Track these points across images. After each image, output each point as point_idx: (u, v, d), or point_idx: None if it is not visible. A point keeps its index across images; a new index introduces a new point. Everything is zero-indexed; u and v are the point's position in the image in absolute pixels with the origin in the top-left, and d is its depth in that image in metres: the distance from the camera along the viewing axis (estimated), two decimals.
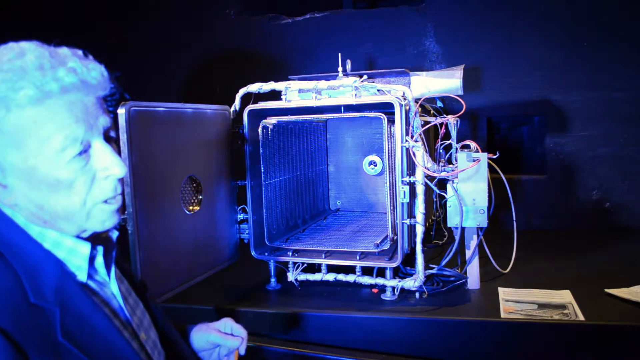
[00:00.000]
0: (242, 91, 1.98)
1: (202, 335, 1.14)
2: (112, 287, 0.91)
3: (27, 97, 0.76)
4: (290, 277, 1.98)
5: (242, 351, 1.12)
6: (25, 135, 0.78)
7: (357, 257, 1.92)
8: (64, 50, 0.82)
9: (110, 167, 0.84)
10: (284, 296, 1.95)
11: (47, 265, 0.81)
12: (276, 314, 1.80)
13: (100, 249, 0.89)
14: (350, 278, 1.91)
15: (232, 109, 1.99)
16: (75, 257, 0.85)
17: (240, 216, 2.03)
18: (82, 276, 0.85)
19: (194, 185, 1.80)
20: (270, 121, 2.01)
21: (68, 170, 0.80)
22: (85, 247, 0.85)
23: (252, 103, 1.97)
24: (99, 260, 0.89)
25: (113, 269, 0.92)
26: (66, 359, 0.76)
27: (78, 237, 0.86)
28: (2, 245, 0.79)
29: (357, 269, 1.92)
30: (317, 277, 1.96)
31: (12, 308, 0.74)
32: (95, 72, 0.82)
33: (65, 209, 0.82)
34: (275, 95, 1.98)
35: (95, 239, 0.90)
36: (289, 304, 1.86)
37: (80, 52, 0.84)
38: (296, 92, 1.95)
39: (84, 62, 0.81)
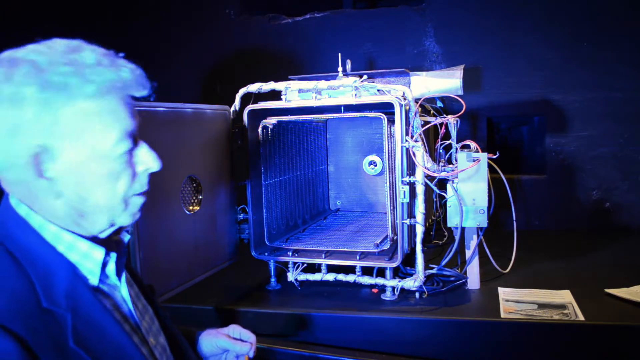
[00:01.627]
0: (242, 91, 1.98)
1: (211, 340, 1.15)
2: (122, 291, 0.90)
3: (93, 90, 0.78)
4: (290, 277, 1.98)
5: (252, 354, 1.14)
6: (85, 126, 0.79)
7: (357, 257, 1.91)
8: (107, 51, 0.85)
9: (148, 161, 0.88)
10: (284, 296, 1.95)
11: (60, 269, 0.81)
12: (276, 314, 1.80)
13: (113, 255, 0.89)
14: (350, 278, 1.91)
15: (232, 109, 1.99)
16: (88, 261, 0.84)
17: (240, 216, 2.03)
18: (93, 280, 0.85)
19: (194, 185, 1.80)
20: (270, 121, 2.01)
21: (119, 162, 0.83)
22: (99, 253, 0.85)
23: (252, 103, 1.97)
24: (111, 267, 0.89)
25: (124, 273, 0.92)
26: None
27: (93, 241, 0.86)
28: (16, 248, 0.79)
29: (357, 269, 1.92)
30: (317, 277, 1.96)
31: (25, 313, 0.74)
32: (140, 71, 0.85)
33: (108, 201, 0.84)
34: (275, 95, 1.98)
35: (108, 242, 0.90)
36: (289, 304, 1.86)
37: (121, 55, 0.87)
38: (296, 92, 1.95)
39: (129, 63, 0.84)
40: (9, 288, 0.75)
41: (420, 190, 1.77)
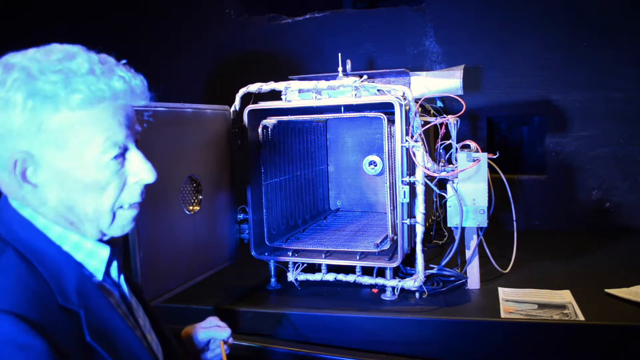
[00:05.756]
0: (242, 91, 1.98)
1: (192, 336, 1.19)
2: (123, 288, 0.93)
3: (79, 100, 0.77)
4: (290, 277, 1.98)
5: (231, 341, 1.20)
6: (69, 135, 0.79)
7: (357, 257, 1.91)
8: (109, 58, 0.84)
9: (141, 172, 0.86)
10: (284, 296, 1.95)
11: (68, 268, 0.82)
12: (276, 314, 1.80)
13: (116, 252, 0.90)
14: (350, 278, 1.91)
15: (232, 109, 1.99)
16: (94, 260, 0.86)
17: (240, 216, 2.03)
18: (98, 278, 0.87)
19: (194, 185, 1.80)
20: (270, 121, 2.01)
21: (105, 172, 0.82)
22: (105, 251, 0.87)
23: (252, 103, 1.97)
24: (114, 264, 0.90)
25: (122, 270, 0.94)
26: None
27: (98, 240, 0.87)
28: (25, 249, 0.80)
29: (357, 269, 1.92)
30: (317, 277, 1.96)
31: (47, 310, 0.75)
32: (139, 81, 0.84)
33: (95, 211, 0.83)
34: (275, 95, 1.98)
35: (110, 240, 0.91)
36: (289, 304, 1.86)
37: (123, 62, 0.86)
38: (296, 92, 1.95)
39: (130, 71, 0.84)
40: (29, 286, 0.76)
41: (420, 190, 1.77)
